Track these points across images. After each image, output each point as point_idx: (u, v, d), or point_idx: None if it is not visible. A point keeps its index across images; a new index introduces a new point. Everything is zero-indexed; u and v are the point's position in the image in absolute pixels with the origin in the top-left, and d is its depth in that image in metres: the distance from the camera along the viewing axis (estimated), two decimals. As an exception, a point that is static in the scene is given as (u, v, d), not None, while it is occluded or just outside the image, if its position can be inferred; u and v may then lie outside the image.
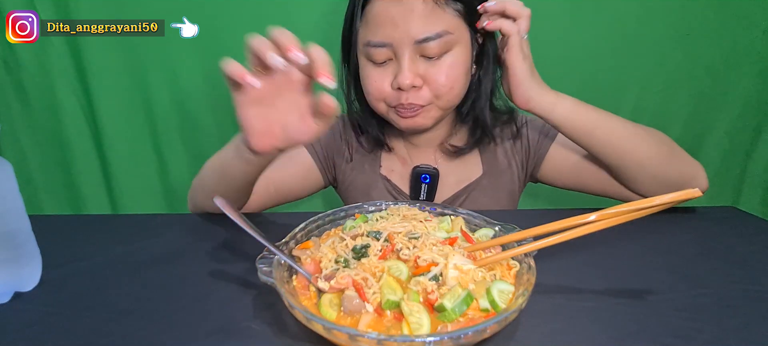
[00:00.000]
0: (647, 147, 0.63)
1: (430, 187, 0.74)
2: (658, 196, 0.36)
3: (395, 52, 0.62)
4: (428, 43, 0.60)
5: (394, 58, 0.62)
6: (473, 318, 0.37)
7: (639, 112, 1.10)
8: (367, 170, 0.78)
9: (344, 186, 0.81)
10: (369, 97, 0.68)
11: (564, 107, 0.62)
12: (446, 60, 0.62)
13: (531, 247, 0.42)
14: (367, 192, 0.77)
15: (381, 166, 0.78)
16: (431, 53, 0.61)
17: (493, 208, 0.75)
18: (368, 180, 0.78)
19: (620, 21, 1.02)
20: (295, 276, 0.43)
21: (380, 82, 0.64)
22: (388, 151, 0.78)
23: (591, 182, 0.72)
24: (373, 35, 0.62)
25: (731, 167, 1.17)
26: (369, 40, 0.62)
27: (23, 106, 1.08)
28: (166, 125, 1.11)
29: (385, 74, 0.63)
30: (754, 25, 1.04)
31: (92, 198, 1.16)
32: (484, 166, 0.77)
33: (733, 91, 1.10)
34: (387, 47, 0.61)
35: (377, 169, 0.78)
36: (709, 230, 0.61)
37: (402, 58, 0.61)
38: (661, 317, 0.41)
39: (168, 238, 0.61)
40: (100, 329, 0.40)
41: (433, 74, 0.62)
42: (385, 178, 0.77)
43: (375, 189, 0.77)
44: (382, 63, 0.63)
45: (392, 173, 0.78)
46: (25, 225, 0.44)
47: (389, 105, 0.66)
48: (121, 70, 1.05)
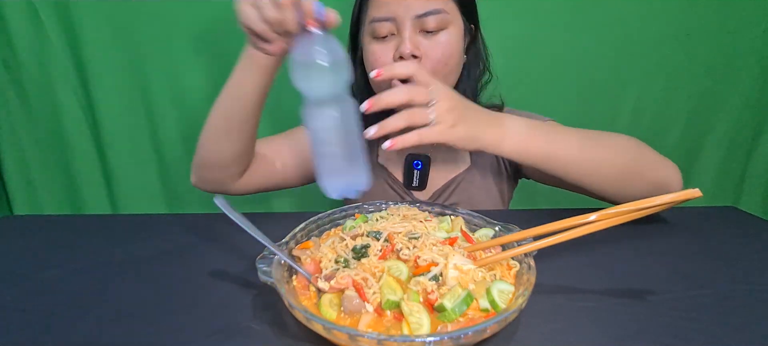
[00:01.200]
0: (609, 166, 0.61)
1: (422, 173, 0.77)
2: (658, 196, 0.36)
3: (397, 27, 0.66)
4: (427, 18, 0.65)
5: (396, 33, 0.67)
6: (473, 318, 0.37)
7: (639, 112, 1.10)
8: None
9: None
10: (370, 69, 0.70)
11: (512, 142, 0.58)
12: (442, 37, 0.67)
13: (531, 247, 0.42)
14: None
15: (378, 155, 0.82)
16: (430, 27, 0.66)
17: (482, 200, 0.78)
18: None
19: (620, 21, 1.02)
20: (295, 276, 0.43)
21: (383, 55, 0.67)
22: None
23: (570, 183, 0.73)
24: (378, 11, 0.66)
25: (731, 167, 1.17)
26: (374, 16, 0.67)
27: (23, 106, 1.07)
28: (166, 125, 1.11)
29: (387, 48, 0.67)
30: (754, 25, 1.04)
31: (92, 198, 1.16)
32: (472, 157, 0.80)
33: (733, 91, 1.10)
34: (390, 21, 0.66)
35: (375, 159, 0.82)
36: (709, 230, 0.61)
37: (404, 31, 0.65)
38: (661, 317, 0.41)
39: (168, 238, 0.61)
40: (100, 329, 0.40)
41: (430, 48, 0.66)
42: (382, 167, 0.80)
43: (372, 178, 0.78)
44: (384, 38, 0.67)
45: (388, 162, 0.81)
46: (361, 144, 0.53)
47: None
48: (121, 70, 1.05)
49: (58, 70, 1.04)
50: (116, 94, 1.07)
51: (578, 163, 0.61)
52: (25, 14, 0.99)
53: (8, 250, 0.58)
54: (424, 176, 0.77)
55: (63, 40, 1.02)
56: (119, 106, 1.08)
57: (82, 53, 1.03)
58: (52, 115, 1.07)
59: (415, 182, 0.78)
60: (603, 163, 0.61)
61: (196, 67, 1.05)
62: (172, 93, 1.08)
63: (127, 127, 1.10)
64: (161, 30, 1.02)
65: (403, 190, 0.80)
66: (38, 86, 1.05)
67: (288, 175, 0.80)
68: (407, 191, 0.80)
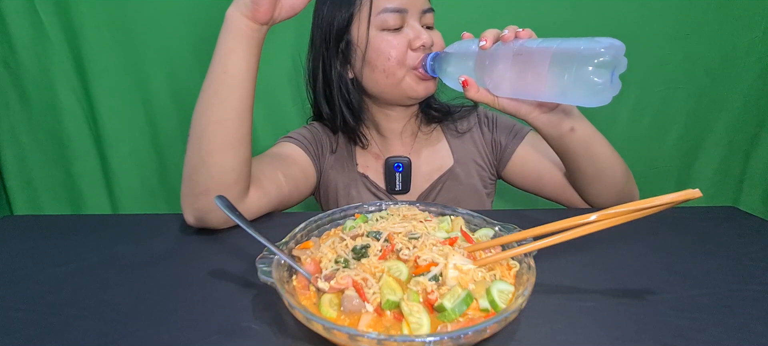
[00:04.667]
0: (611, 168, 0.67)
1: (405, 176, 0.77)
2: (658, 196, 0.36)
3: (407, 19, 0.69)
4: (429, 13, 0.71)
5: (405, 25, 0.69)
6: (473, 318, 0.37)
7: (639, 112, 1.10)
8: (345, 170, 0.80)
9: (325, 186, 0.80)
10: (388, 63, 0.69)
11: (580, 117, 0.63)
12: (436, 31, 0.73)
13: (531, 247, 0.42)
14: (347, 192, 0.78)
15: (357, 164, 0.80)
16: (429, 23, 0.72)
17: (468, 198, 0.78)
18: (347, 180, 0.79)
19: (620, 21, 1.03)
20: (295, 276, 0.43)
21: (401, 46, 0.69)
22: (362, 147, 0.80)
23: (548, 187, 0.76)
24: (389, 2, 0.68)
25: (731, 167, 1.17)
26: (386, 7, 0.68)
27: (23, 106, 1.08)
28: (166, 125, 1.11)
29: (402, 39, 0.69)
30: (754, 25, 1.04)
31: (92, 198, 1.16)
32: (455, 156, 0.80)
33: (733, 91, 1.10)
34: (402, 13, 0.68)
35: (354, 167, 0.80)
36: (709, 230, 0.61)
37: (415, 23, 0.69)
38: (661, 317, 0.41)
39: (168, 238, 0.60)
40: (100, 329, 0.40)
41: (435, 39, 0.71)
42: (363, 175, 0.79)
43: (354, 188, 0.78)
44: (395, 29, 0.69)
45: (368, 169, 0.80)
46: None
47: (409, 67, 0.70)
48: (121, 70, 1.05)
49: (58, 70, 1.04)
50: (116, 94, 1.07)
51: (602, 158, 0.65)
52: (25, 14, 0.99)
53: (8, 250, 0.58)
54: (406, 178, 0.77)
55: (63, 40, 1.02)
56: (119, 106, 1.08)
57: (82, 53, 1.03)
58: (52, 115, 1.08)
59: (398, 185, 0.77)
60: (611, 165, 0.66)
61: (196, 67, 1.05)
62: (172, 93, 1.08)
63: (127, 127, 1.10)
64: (161, 30, 1.02)
65: (386, 196, 0.78)
66: (38, 86, 1.05)
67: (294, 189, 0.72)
68: (390, 196, 0.78)
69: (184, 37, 1.03)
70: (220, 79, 0.57)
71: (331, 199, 0.80)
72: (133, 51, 1.04)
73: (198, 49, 1.04)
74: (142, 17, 1.01)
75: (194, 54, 1.04)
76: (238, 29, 0.56)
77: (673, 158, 1.16)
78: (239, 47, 0.56)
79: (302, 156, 0.76)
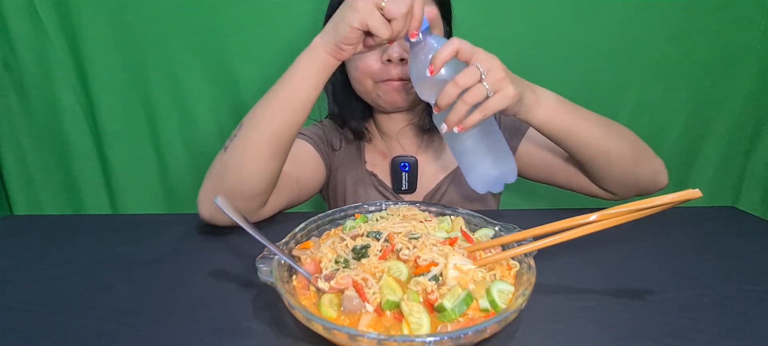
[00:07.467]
0: (619, 146, 0.64)
1: (411, 175, 0.77)
2: (658, 196, 0.36)
3: None
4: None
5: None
6: (473, 318, 0.37)
7: (639, 112, 1.10)
8: (354, 168, 0.80)
9: (333, 183, 0.82)
10: (356, 73, 0.71)
11: (544, 110, 0.61)
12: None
13: (531, 247, 0.42)
14: (355, 189, 0.79)
15: (366, 162, 0.81)
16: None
17: (475, 197, 0.78)
18: (356, 178, 0.80)
19: (620, 21, 1.02)
20: (295, 276, 0.43)
21: (370, 58, 0.68)
22: (369, 142, 0.81)
23: (560, 177, 0.75)
24: None
25: (731, 167, 1.17)
26: None
27: (23, 106, 1.07)
28: (166, 125, 1.11)
29: (373, 52, 0.68)
30: (754, 25, 1.04)
31: (92, 198, 1.16)
32: None
33: (732, 91, 1.10)
34: None
35: (363, 166, 0.81)
36: (709, 230, 0.61)
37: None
38: (661, 317, 0.41)
39: (168, 238, 0.61)
40: (100, 329, 0.40)
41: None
42: (371, 173, 0.80)
43: (362, 186, 0.79)
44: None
45: (376, 168, 0.80)
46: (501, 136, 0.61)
47: (376, 81, 0.70)
48: (121, 70, 1.05)
49: (58, 70, 1.04)
50: (116, 94, 1.07)
51: (594, 142, 0.63)
52: (25, 14, 0.99)
53: (8, 250, 0.58)
54: (412, 178, 0.77)
55: (63, 40, 1.02)
56: (119, 106, 1.08)
57: (82, 53, 1.03)
58: (52, 115, 1.07)
59: (404, 185, 0.77)
60: (613, 146, 0.63)
61: (196, 68, 1.05)
62: (172, 93, 1.08)
63: (127, 127, 1.10)
64: (161, 30, 1.02)
65: (393, 195, 0.79)
66: (38, 86, 1.05)
67: (305, 186, 0.75)
68: (397, 196, 0.79)
69: (184, 37, 1.03)
70: (288, 100, 0.59)
71: (338, 196, 0.81)
72: (133, 51, 1.04)
73: (198, 49, 1.03)
74: (142, 17, 1.01)
75: (194, 54, 1.04)
76: (320, 60, 0.57)
77: (672, 158, 1.16)
78: (314, 76, 0.58)
79: (314, 155, 0.78)
